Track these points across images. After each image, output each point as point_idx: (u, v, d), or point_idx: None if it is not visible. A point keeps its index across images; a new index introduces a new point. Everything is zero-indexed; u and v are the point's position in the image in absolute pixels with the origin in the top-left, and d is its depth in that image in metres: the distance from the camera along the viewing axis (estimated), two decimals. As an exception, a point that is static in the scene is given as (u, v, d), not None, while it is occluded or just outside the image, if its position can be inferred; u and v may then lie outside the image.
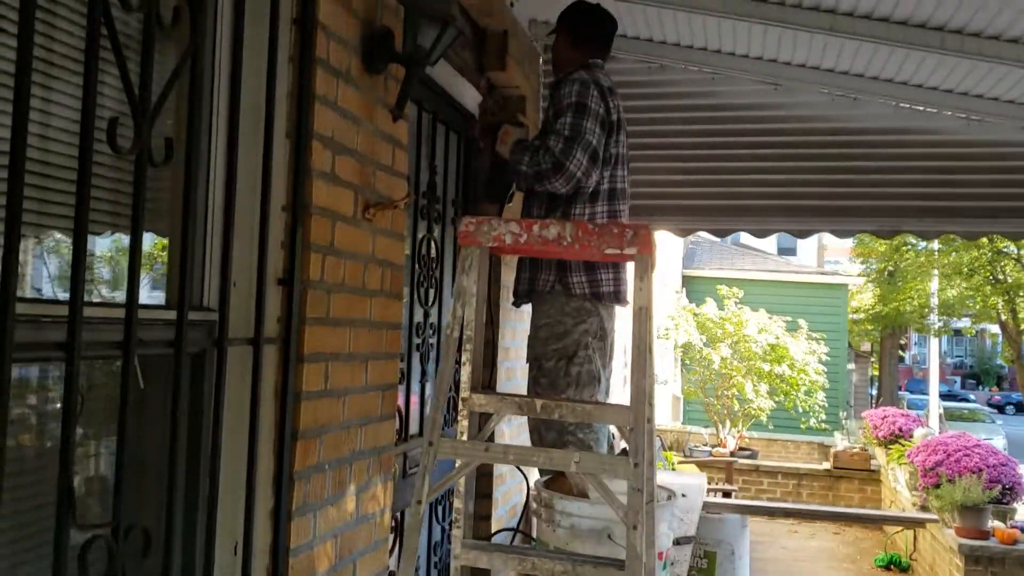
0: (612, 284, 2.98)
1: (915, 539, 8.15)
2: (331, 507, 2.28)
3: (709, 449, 11.14)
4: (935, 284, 16.92)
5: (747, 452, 11.45)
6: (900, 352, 26.37)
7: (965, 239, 5.78)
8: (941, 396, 16.50)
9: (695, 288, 15.08)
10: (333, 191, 2.25)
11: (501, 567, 2.16)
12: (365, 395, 2.47)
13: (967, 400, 32.17)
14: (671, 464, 8.92)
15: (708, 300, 12.32)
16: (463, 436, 2.17)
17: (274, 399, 2.06)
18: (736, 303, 12.08)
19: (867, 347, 22.19)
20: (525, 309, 3.20)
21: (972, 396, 36.00)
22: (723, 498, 8.44)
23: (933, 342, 15.94)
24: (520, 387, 4.08)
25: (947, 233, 4.75)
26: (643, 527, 1.89)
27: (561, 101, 2.93)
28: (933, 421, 12.50)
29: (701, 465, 9.96)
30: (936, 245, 16.33)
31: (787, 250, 27.61)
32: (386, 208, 2.52)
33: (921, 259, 17.92)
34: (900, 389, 25.64)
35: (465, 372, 2.09)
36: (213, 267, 1.98)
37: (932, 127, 4.42)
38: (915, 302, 18.64)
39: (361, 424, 2.44)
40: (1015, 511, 6.90)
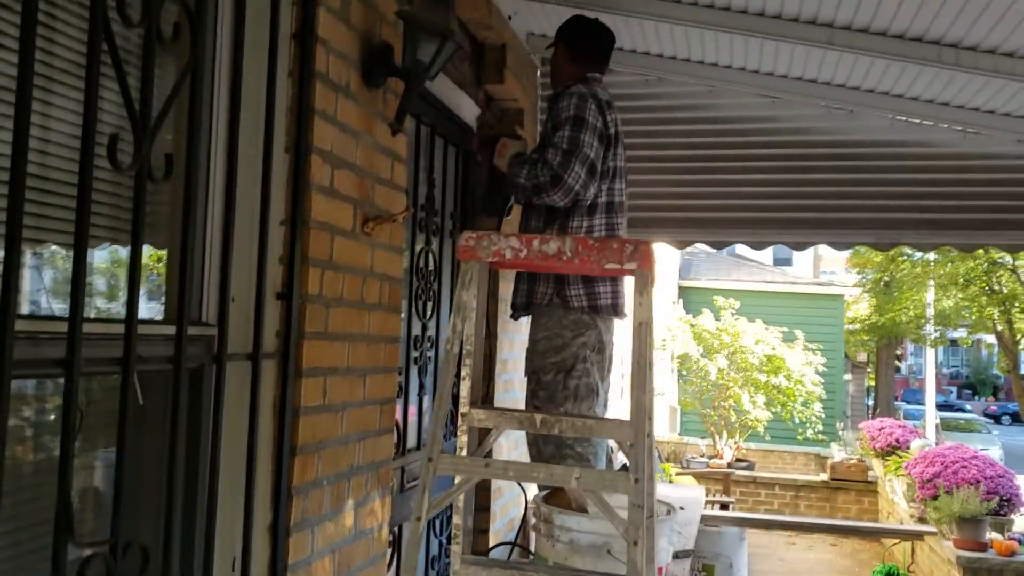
0: (610, 297, 2.98)
1: (913, 551, 8.13)
2: (329, 522, 2.27)
3: (706, 460, 11.13)
4: (931, 295, 16.95)
5: (744, 463, 11.44)
6: (896, 362, 26.39)
7: (962, 251, 5.79)
8: (937, 406, 16.53)
9: (691, 299, 15.08)
10: (332, 205, 2.25)
11: (500, 583, 2.15)
12: (363, 409, 2.46)
13: (963, 410, 32.14)
14: (668, 476, 8.90)
15: (704, 311, 12.33)
16: (462, 451, 2.16)
17: (272, 414, 2.05)
18: (732, 314, 12.09)
19: (863, 357, 22.22)
20: (523, 321, 3.20)
21: (968, 406, 36.00)
22: (721, 510, 8.43)
23: (929, 352, 15.97)
24: (518, 400, 4.07)
25: (945, 246, 4.77)
26: (643, 543, 1.89)
27: (559, 114, 2.93)
28: (930, 432, 12.48)
29: (698, 477, 9.94)
30: (932, 256, 16.36)
31: (783, 261, 27.63)
32: (385, 222, 2.52)
33: (917, 270, 17.96)
34: (896, 399, 25.62)
35: (464, 387, 2.08)
36: (212, 282, 1.97)
37: (928, 140, 4.43)
38: (911, 312, 18.65)
39: (359, 439, 2.44)
40: (1013, 523, 6.89)
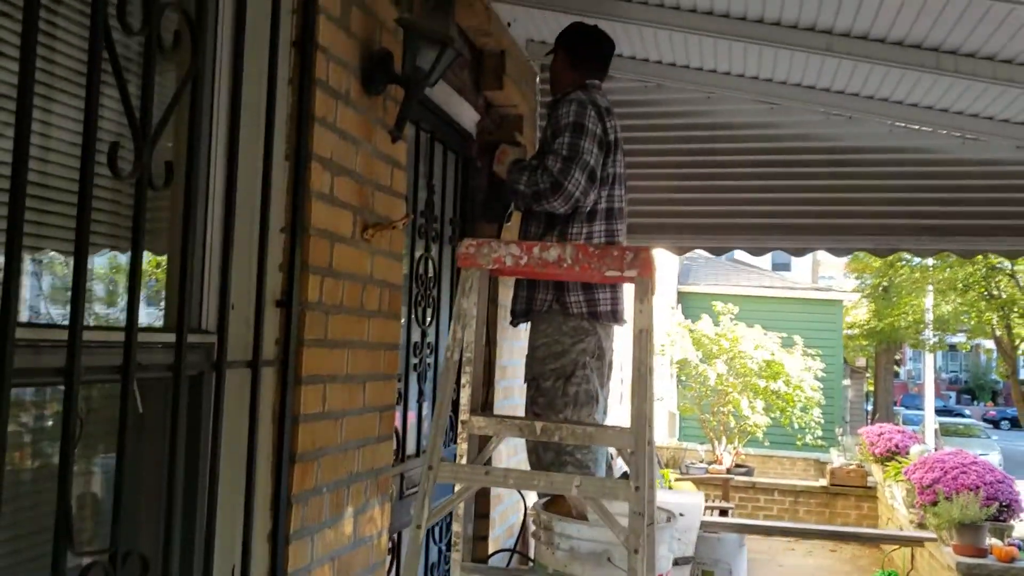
0: (610, 303, 2.97)
1: (912, 557, 8.12)
2: (329, 530, 2.26)
3: (705, 466, 11.12)
4: (930, 300, 16.94)
5: (743, 469, 11.43)
6: (895, 367, 26.40)
7: (962, 257, 5.80)
8: (936, 411, 16.49)
9: (690, 304, 15.08)
10: (332, 212, 2.25)
11: (500, 591, 2.14)
12: (363, 416, 2.46)
13: (962, 415, 32.12)
14: (668, 482, 8.89)
15: (703, 316, 12.32)
16: (462, 458, 2.16)
17: (272, 422, 2.05)
18: (731, 319, 12.09)
19: (862, 363, 22.21)
20: (522, 327, 3.19)
21: (967, 411, 35.97)
22: (720, 516, 8.42)
23: (928, 357, 15.93)
24: (517, 406, 4.07)
25: (944, 251, 4.77)
26: (644, 550, 1.88)
27: (559, 121, 2.93)
28: (929, 437, 12.47)
29: (697, 482, 9.93)
30: (930, 261, 16.35)
31: (781, 266, 27.59)
32: (385, 229, 2.51)
33: (916, 275, 17.96)
34: (896, 404, 25.61)
35: (465, 394, 2.08)
36: (212, 289, 1.97)
37: (927, 146, 4.44)
38: (910, 317, 18.64)
39: (359, 446, 2.43)
40: (1012, 528, 6.89)
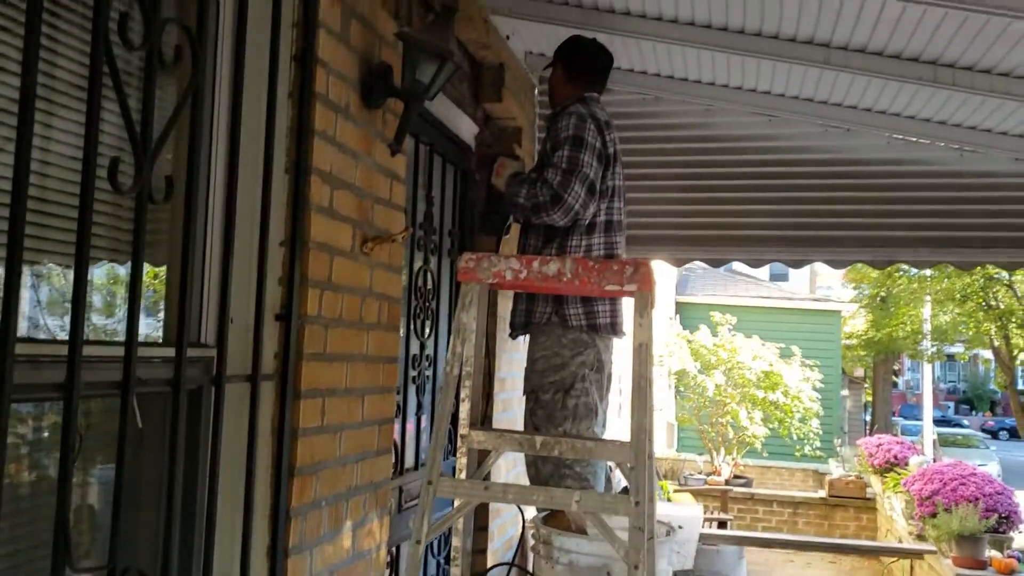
0: (609, 316, 2.97)
1: (912, 569, 8.10)
2: (327, 544, 2.25)
3: (704, 477, 11.10)
4: (928, 310, 16.94)
5: (742, 480, 11.41)
6: (894, 378, 26.37)
7: (960, 269, 5.80)
8: (935, 422, 16.48)
9: (688, 315, 15.08)
10: (331, 226, 2.25)
11: (500, 605, 2.13)
12: (362, 430, 2.45)
13: (961, 426, 32.08)
14: (666, 494, 8.87)
15: (701, 327, 12.33)
16: (461, 472, 2.15)
17: (271, 436, 2.04)
18: (729, 330, 12.09)
19: (860, 373, 22.19)
20: (521, 340, 3.19)
21: (966, 422, 35.92)
22: (719, 528, 8.40)
23: (926, 368, 15.93)
24: (516, 418, 4.06)
25: (942, 263, 4.78)
26: (644, 565, 1.88)
27: (558, 134, 2.94)
28: (927, 447, 12.47)
29: (696, 493, 9.91)
30: (928, 271, 16.37)
31: (779, 276, 27.57)
32: (384, 242, 2.51)
33: (914, 285, 17.95)
34: (894, 415, 25.58)
35: (464, 408, 2.08)
36: (211, 303, 1.97)
37: (926, 158, 4.45)
38: (908, 328, 18.64)
39: (358, 459, 2.42)
40: (1012, 540, 6.87)
